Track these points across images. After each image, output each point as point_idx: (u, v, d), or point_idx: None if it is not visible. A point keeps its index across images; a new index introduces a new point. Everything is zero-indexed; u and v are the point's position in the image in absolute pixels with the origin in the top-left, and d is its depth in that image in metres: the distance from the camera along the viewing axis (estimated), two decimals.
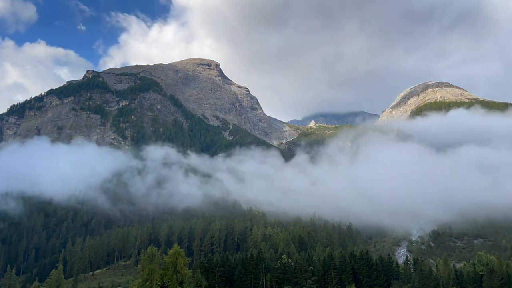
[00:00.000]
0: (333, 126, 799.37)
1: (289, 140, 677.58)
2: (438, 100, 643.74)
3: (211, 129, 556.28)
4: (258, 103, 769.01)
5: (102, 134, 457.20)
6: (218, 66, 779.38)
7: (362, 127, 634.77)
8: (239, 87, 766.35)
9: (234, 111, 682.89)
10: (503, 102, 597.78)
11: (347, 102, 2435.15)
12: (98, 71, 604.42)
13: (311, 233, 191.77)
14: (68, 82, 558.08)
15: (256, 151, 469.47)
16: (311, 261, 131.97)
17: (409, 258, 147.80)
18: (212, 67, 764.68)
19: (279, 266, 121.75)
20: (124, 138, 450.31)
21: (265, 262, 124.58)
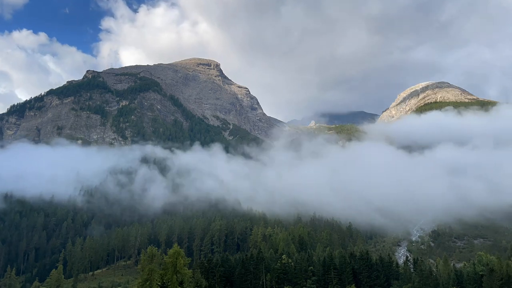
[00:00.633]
0: (333, 126, 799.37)
1: (289, 140, 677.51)
2: (438, 100, 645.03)
3: (211, 129, 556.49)
4: (258, 103, 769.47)
5: (102, 134, 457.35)
6: (218, 66, 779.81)
7: (359, 128, 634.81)
8: (239, 87, 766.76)
9: (234, 111, 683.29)
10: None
11: (348, 102, 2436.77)
12: (98, 70, 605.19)
13: (311, 233, 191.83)
14: (68, 82, 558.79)
15: (256, 150, 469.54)
16: (311, 261, 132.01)
17: (409, 258, 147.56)
18: (212, 67, 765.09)
19: (279, 266, 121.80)
20: (124, 138, 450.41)
21: (265, 262, 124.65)
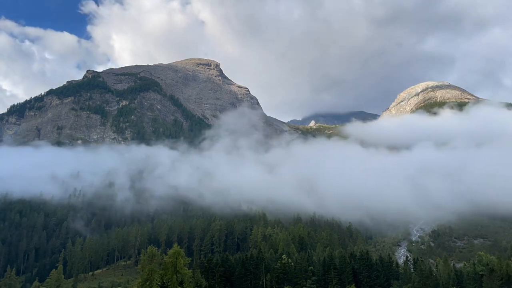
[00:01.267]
0: (333, 126, 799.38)
1: (289, 140, 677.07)
2: (438, 100, 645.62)
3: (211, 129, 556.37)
4: (258, 103, 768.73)
5: (102, 134, 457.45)
6: (218, 66, 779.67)
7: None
8: (239, 87, 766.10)
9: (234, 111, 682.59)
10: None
11: (348, 102, 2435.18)
12: (98, 71, 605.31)
13: (311, 233, 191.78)
14: (68, 82, 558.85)
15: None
16: (311, 261, 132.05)
17: (409, 258, 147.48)
18: (212, 67, 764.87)
19: (279, 266, 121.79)
20: (124, 138, 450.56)
21: (265, 262, 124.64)
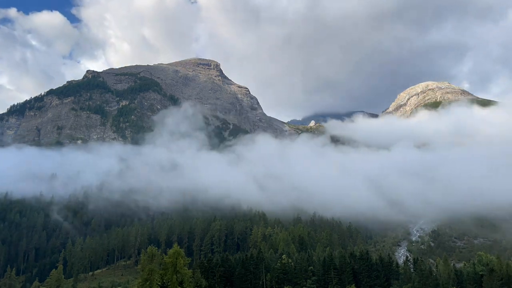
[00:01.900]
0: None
1: (288, 140, 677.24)
2: (438, 100, 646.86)
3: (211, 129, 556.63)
4: (258, 103, 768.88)
5: (102, 134, 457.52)
6: (218, 66, 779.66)
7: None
8: (239, 87, 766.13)
9: (234, 111, 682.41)
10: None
11: (348, 102, 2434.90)
12: (98, 70, 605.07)
13: (311, 233, 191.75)
14: (68, 82, 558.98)
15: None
16: (311, 261, 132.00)
17: (409, 258, 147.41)
18: (212, 67, 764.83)
19: (279, 266, 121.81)
20: (124, 138, 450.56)
21: (265, 262, 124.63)
